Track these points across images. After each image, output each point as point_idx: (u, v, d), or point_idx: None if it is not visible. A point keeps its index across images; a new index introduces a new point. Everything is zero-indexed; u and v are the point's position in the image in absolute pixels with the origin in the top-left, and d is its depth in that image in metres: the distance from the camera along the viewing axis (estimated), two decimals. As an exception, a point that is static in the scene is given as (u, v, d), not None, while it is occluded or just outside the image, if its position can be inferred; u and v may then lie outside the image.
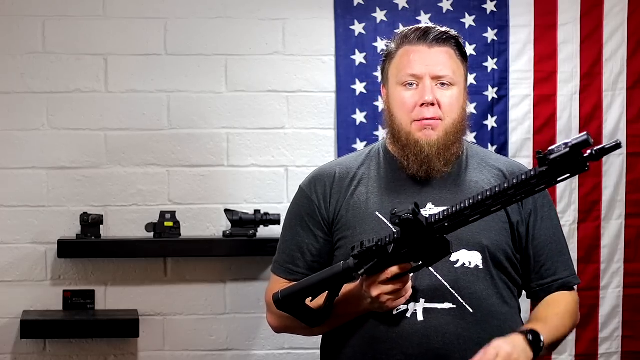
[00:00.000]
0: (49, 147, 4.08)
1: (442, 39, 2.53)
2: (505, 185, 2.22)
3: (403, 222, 2.27)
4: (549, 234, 2.56)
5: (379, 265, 2.33)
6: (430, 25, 2.59)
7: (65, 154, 4.09)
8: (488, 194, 2.23)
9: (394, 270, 2.32)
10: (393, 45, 2.57)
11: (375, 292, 2.35)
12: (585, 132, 2.16)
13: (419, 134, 2.49)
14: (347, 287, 2.43)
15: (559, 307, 2.54)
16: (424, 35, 2.52)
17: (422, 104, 2.48)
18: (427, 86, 2.49)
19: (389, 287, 2.34)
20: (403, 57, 2.53)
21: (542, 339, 2.37)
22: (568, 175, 2.19)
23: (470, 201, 2.25)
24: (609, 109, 4.26)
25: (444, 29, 2.56)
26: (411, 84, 2.51)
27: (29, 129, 4.08)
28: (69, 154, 4.09)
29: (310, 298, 2.42)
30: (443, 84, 2.51)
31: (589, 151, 2.17)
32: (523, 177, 2.21)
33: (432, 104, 2.48)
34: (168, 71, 4.13)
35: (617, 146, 2.16)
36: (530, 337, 2.36)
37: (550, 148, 2.18)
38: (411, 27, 2.58)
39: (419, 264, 2.33)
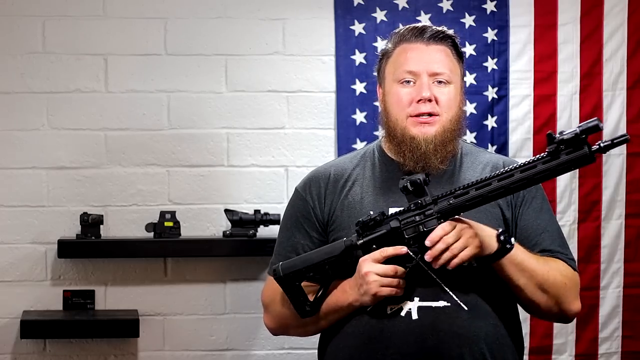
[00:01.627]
0: (49, 147, 4.08)
1: (439, 38, 2.54)
2: (512, 167, 2.25)
3: (411, 184, 2.31)
4: (542, 224, 2.55)
5: (378, 240, 2.36)
6: (427, 23, 2.60)
7: (65, 154, 4.09)
8: (494, 173, 2.28)
9: (389, 250, 2.35)
10: (389, 45, 2.58)
11: (366, 268, 2.37)
12: (595, 117, 2.18)
13: (415, 130, 2.49)
14: (339, 281, 2.46)
15: (553, 260, 2.50)
16: (420, 33, 2.54)
17: (419, 100, 2.49)
18: (424, 83, 2.50)
19: (380, 267, 2.36)
20: (400, 55, 2.54)
21: (512, 242, 2.36)
22: (574, 162, 2.20)
23: (477, 179, 2.30)
24: (609, 109, 4.26)
25: (440, 28, 2.57)
26: (408, 81, 2.51)
27: (29, 129, 4.08)
28: (69, 154, 4.09)
29: (311, 274, 2.44)
30: (440, 82, 2.51)
31: (597, 144, 2.19)
32: (530, 160, 2.24)
33: (430, 100, 2.49)
34: (168, 71, 4.13)
35: (625, 139, 2.17)
36: (501, 237, 2.35)
37: (560, 131, 2.21)
38: (407, 26, 2.59)
39: (413, 263, 2.34)
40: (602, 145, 2.19)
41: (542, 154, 2.25)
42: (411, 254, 2.37)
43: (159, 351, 4.14)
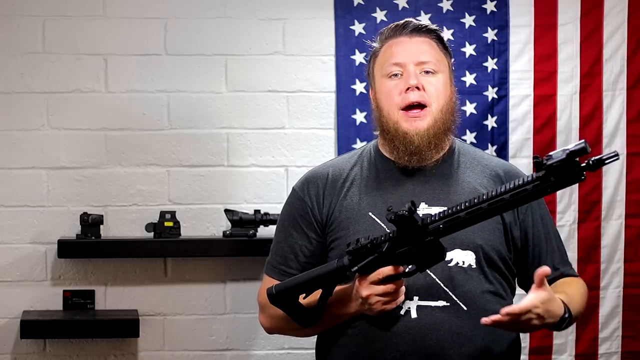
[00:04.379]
0: (49, 147, 4.08)
1: (422, 30, 2.57)
2: (502, 189, 2.23)
3: (398, 219, 2.28)
4: (546, 231, 2.58)
5: (372, 264, 2.34)
6: (409, 18, 2.62)
7: (65, 154, 4.09)
8: (484, 197, 2.24)
9: (385, 271, 2.34)
10: (376, 45, 2.61)
11: (365, 292, 2.36)
12: (582, 140, 2.17)
13: (406, 124, 2.50)
14: (340, 288, 2.45)
15: (576, 286, 2.54)
16: (403, 27, 2.58)
17: (408, 89, 2.50)
18: (411, 71, 2.51)
19: (380, 289, 2.35)
20: (386, 51, 2.57)
21: (572, 318, 2.40)
22: (563, 183, 2.19)
23: (466, 204, 2.25)
24: (609, 109, 4.26)
25: (422, 22, 2.60)
26: (396, 74, 2.53)
27: (29, 129, 4.08)
28: (69, 154, 4.09)
29: (304, 295, 2.43)
30: (427, 72, 2.53)
31: (586, 162, 2.18)
32: (520, 182, 2.21)
33: (418, 88, 2.50)
34: (168, 71, 4.13)
35: (615, 157, 2.16)
36: (567, 315, 2.37)
37: (548, 154, 2.19)
38: (390, 24, 2.61)
39: (412, 269, 2.33)
40: (591, 162, 2.18)
41: (531, 176, 2.22)
42: (408, 268, 2.36)
43: (159, 351, 4.14)
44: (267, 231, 4.05)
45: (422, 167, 2.53)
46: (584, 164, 2.17)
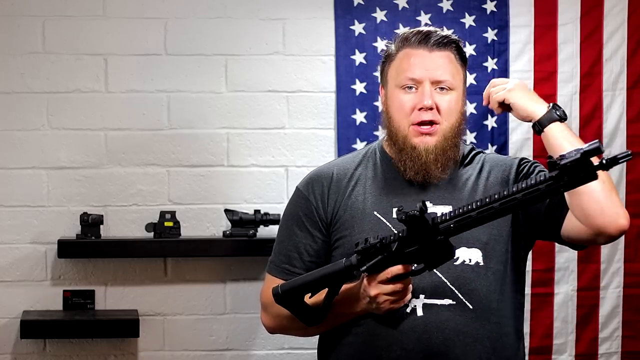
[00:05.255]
0: (49, 147, 4.08)
1: (443, 43, 2.53)
2: (514, 189, 2.22)
3: (410, 219, 2.27)
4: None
5: (381, 263, 2.33)
6: (432, 28, 2.59)
7: (65, 154, 4.09)
8: (496, 196, 2.24)
9: (394, 270, 2.33)
10: (393, 47, 2.59)
11: (374, 291, 2.36)
12: (597, 140, 2.16)
13: (416, 139, 2.50)
14: (346, 286, 2.44)
15: None
16: (425, 39, 2.53)
17: (421, 108, 2.49)
18: (427, 91, 2.50)
19: (388, 288, 2.35)
20: (403, 60, 2.54)
21: (561, 113, 2.45)
22: (576, 183, 2.19)
23: (478, 203, 2.25)
24: (609, 109, 4.26)
25: (445, 32, 2.57)
26: (410, 87, 2.52)
27: (29, 129, 4.08)
28: (69, 154, 4.09)
29: (310, 294, 2.42)
30: (442, 89, 2.52)
31: (599, 161, 2.17)
32: (532, 181, 2.21)
33: (431, 108, 2.49)
34: (168, 71, 4.13)
35: (629, 157, 2.16)
36: (551, 104, 2.47)
37: (561, 154, 2.19)
38: (412, 29, 2.58)
39: (420, 267, 2.33)
40: (604, 162, 2.17)
41: (544, 175, 2.21)
42: (417, 266, 2.36)
43: (159, 351, 4.14)
44: (267, 231, 4.05)
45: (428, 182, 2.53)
46: (597, 163, 2.17)
